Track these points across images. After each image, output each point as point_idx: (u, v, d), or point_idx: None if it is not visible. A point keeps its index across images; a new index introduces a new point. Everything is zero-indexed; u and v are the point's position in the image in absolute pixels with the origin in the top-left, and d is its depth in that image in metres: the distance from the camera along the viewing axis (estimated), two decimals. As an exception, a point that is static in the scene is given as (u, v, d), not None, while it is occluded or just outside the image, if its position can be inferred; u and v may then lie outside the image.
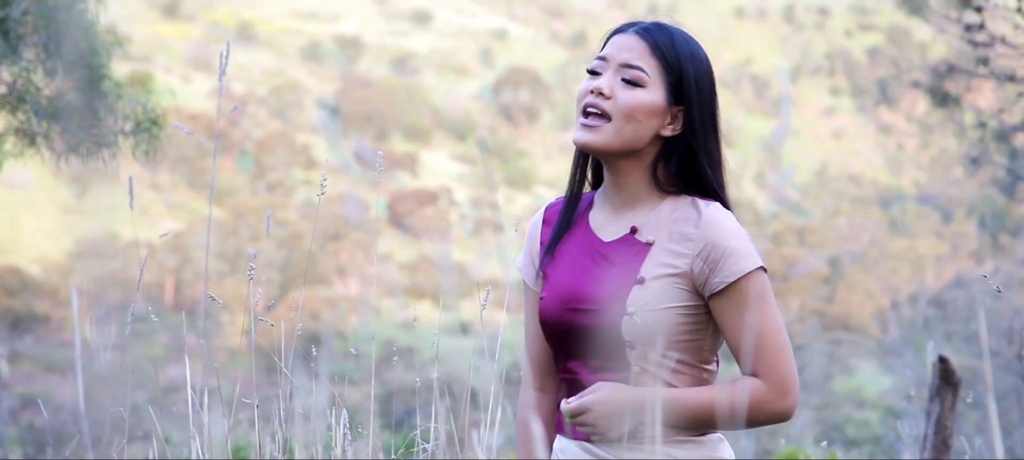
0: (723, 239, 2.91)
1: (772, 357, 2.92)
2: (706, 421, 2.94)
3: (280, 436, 3.65)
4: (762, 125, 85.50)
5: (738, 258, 2.91)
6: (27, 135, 11.28)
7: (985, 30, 13.35)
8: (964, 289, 39.36)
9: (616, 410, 2.92)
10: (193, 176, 61.17)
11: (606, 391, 2.93)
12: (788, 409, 2.94)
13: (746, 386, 2.91)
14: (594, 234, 3.05)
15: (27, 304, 42.96)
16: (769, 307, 2.92)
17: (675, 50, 2.99)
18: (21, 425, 24.67)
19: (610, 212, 3.05)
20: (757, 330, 2.91)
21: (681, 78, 2.99)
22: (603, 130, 2.97)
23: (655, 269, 2.94)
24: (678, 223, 2.96)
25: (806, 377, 39.58)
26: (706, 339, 2.97)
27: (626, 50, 2.99)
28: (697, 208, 2.96)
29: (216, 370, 3.66)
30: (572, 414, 2.95)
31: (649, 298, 2.91)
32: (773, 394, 2.92)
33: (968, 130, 15.85)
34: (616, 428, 2.92)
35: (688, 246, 2.93)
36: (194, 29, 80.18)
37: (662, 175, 3.01)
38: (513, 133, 76.87)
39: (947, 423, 2.16)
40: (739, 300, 2.91)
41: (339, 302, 48.74)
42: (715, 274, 2.91)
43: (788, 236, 61.92)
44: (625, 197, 3.02)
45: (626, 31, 3.03)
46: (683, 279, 2.93)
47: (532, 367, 3.16)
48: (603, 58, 3.02)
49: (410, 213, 61.90)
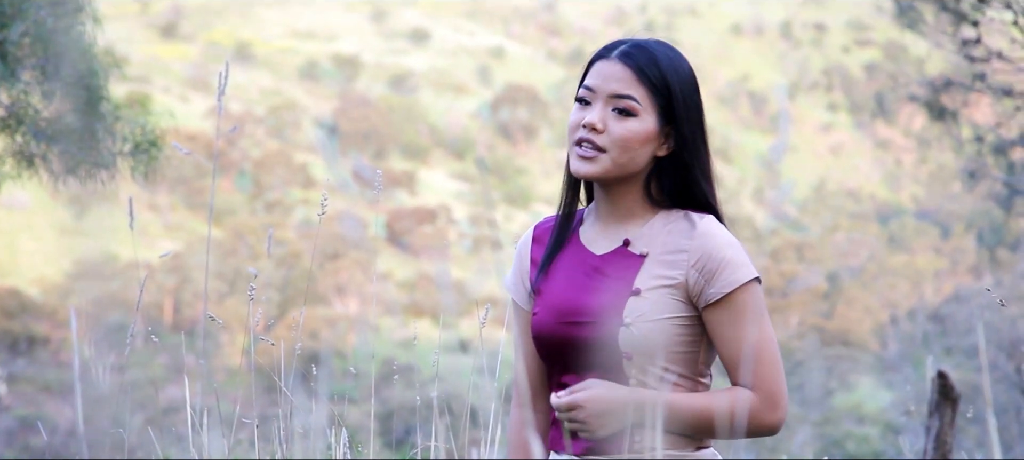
0: (719, 250, 2.92)
1: (764, 369, 2.93)
2: (700, 428, 2.93)
3: (280, 455, 3.65)
4: (760, 141, 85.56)
5: (734, 269, 2.91)
6: (25, 157, 11.29)
7: (982, 45, 13.38)
8: (963, 304, 39.33)
9: (608, 408, 2.91)
10: (191, 196, 61.17)
11: (598, 389, 2.92)
12: (776, 422, 2.95)
13: (738, 396, 2.92)
14: (586, 249, 3.06)
15: (26, 326, 42.93)
16: (763, 319, 2.93)
17: (660, 71, 2.99)
18: (20, 447, 24.64)
19: (601, 227, 3.06)
20: (750, 342, 2.92)
21: (670, 98, 2.99)
22: (600, 160, 2.97)
23: (650, 280, 2.94)
24: (672, 235, 2.97)
25: (806, 393, 39.56)
26: (701, 351, 2.98)
27: (613, 80, 2.99)
28: (690, 220, 2.97)
29: (215, 390, 3.66)
30: (563, 409, 2.95)
31: (645, 309, 2.92)
32: (763, 406, 2.92)
33: (965, 144, 15.86)
34: (607, 426, 2.92)
35: (683, 257, 2.94)
36: (192, 49, 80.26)
37: (655, 191, 3.02)
38: (511, 151, 76.92)
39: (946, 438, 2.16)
40: (734, 311, 2.92)
41: (338, 321, 48.73)
42: (711, 285, 2.91)
43: (787, 252, 61.92)
44: (618, 213, 3.03)
45: (608, 57, 3.02)
46: (678, 290, 2.93)
47: (525, 385, 3.16)
48: (590, 88, 3.02)
49: (409, 231, 61.91)
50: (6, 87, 10.82)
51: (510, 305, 3.21)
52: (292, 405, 3.63)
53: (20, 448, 24.47)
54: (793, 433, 32.91)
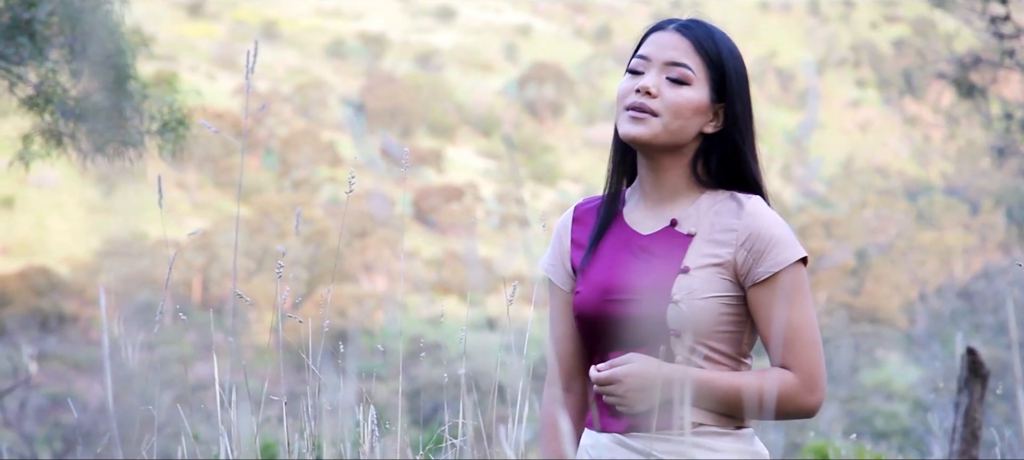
0: (768, 229, 2.93)
1: (805, 350, 2.92)
2: (734, 406, 2.93)
3: (308, 433, 3.66)
4: (788, 118, 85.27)
5: (783, 248, 2.92)
6: (54, 136, 11.33)
7: (1011, 22, 13.31)
8: (992, 280, 39.15)
9: (647, 383, 2.91)
10: (219, 175, 61.32)
11: (638, 363, 2.92)
12: (815, 405, 2.94)
13: (776, 377, 2.91)
14: (631, 229, 3.05)
15: (55, 304, 43.17)
16: (805, 300, 2.93)
17: (717, 47, 3.00)
18: (50, 424, 24.79)
19: (646, 207, 3.05)
20: (792, 322, 2.91)
21: (723, 75, 3.00)
22: (651, 123, 2.96)
23: (699, 259, 2.94)
24: (719, 215, 2.97)
25: (834, 370, 39.47)
26: (746, 332, 2.98)
27: (670, 48, 2.99)
28: (738, 200, 2.97)
29: (244, 367, 3.67)
30: (602, 383, 2.95)
31: (695, 286, 2.92)
32: (802, 388, 2.92)
33: (994, 121, 15.78)
34: (645, 401, 2.92)
35: (731, 237, 2.94)
36: (219, 28, 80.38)
37: (702, 171, 3.02)
38: (538, 128, 76.85)
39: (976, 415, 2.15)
40: (779, 291, 2.92)
41: (366, 299, 48.83)
42: (759, 264, 2.92)
43: (815, 229, 61.73)
44: (663, 192, 3.03)
45: (666, 29, 3.03)
46: (726, 269, 2.93)
47: (559, 367, 3.16)
48: (644, 57, 3.01)
49: (436, 209, 61.95)
50: (34, 66, 10.85)
51: (547, 285, 3.20)
52: (320, 383, 3.64)
53: (51, 425, 24.62)
54: (821, 410, 32.80)
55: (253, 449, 3.65)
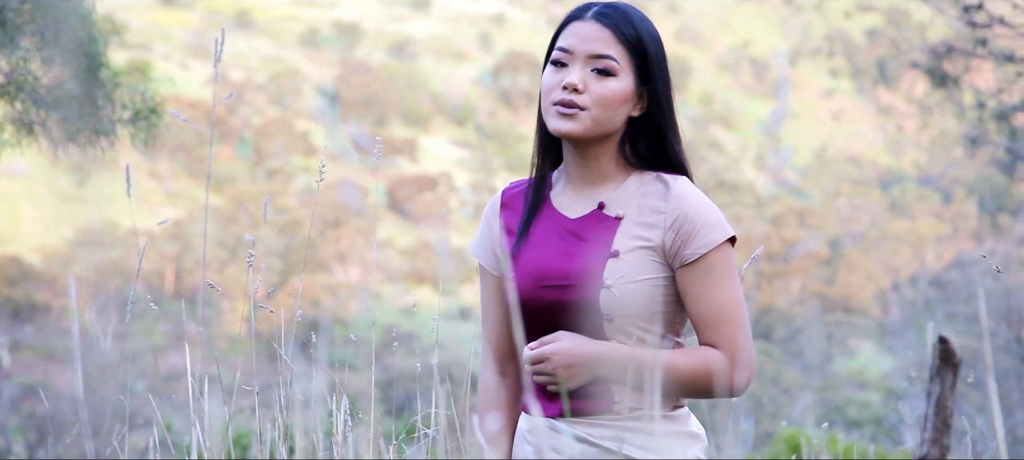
0: (695, 211, 2.93)
1: (732, 330, 2.93)
2: (669, 385, 2.93)
3: (280, 423, 3.65)
4: (761, 107, 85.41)
5: (710, 229, 2.92)
6: (25, 124, 11.28)
7: (983, 10, 13.36)
8: (965, 269, 39.35)
9: (577, 360, 2.92)
10: (192, 164, 61.14)
11: (567, 341, 2.94)
12: (742, 384, 2.95)
13: (703, 355, 2.92)
14: (559, 213, 3.06)
15: (27, 293, 42.97)
16: (733, 280, 2.95)
17: (637, 32, 3.00)
18: (22, 414, 24.70)
19: (573, 191, 3.06)
20: (720, 302, 2.92)
21: (646, 59, 3.00)
22: (581, 117, 2.97)
23: (628, 242, 2.95)
24: (647, 197, 2.98)
25: (807, 359, 39.61)
26: (678, 312, 2.99)
27: (592, 40, 3.00)
28: (664, 182, 2.98)
29: (216, 357, 3.66)
30: (532, 362, 2.95)
31: (626, 270, 2.93)
32: (730, 367, 2.92)
33: (967, 110, 15.84)
34: (574, 378, 2.93)
35: (660, 219, 2.95)
36: (192, 17, 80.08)
37: (630, 153, 3.03)
38: (512, 118, 76.84)
39: (948, 403, 2.15)
40: (707, 271, 2.93)
41: (339, 288, 48.77)
42: (687, 246, 2.92)
43: (788, 218, 61.90)
44: (591, 176, 3.04)
45: (583, 17, 3.03)
46: (656, 251, 2.94)
47: (492, 351, 3.18)
48: (567, 49, 3.01)
49: (410, 199, 61.90)
50: (5, 54, 10.80)
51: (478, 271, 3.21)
52: (293, 373, 3.63)
53: (24, 416, 24.52)
54: (794, 399, 32.94)
55: (225, 439, 3.64)
